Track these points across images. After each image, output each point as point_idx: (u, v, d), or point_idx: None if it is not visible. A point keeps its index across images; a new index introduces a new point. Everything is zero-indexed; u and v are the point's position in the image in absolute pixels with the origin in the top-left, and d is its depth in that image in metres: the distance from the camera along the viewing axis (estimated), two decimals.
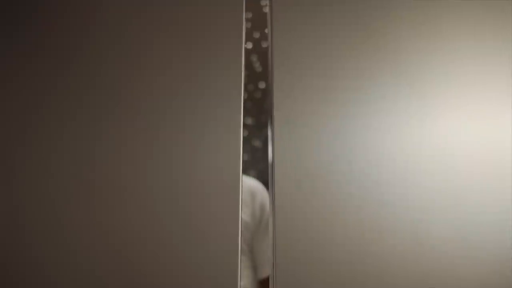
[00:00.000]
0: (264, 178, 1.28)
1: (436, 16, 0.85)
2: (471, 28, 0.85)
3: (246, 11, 0.81)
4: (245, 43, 0.78)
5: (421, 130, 0.78)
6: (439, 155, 0.77)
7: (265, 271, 1.18)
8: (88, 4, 0.78)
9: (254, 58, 3.43)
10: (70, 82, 0.73)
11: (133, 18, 0.76)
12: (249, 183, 1.21)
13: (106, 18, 0.77)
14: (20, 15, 0.76)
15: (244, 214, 1.15)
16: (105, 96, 0.73)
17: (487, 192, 0.77)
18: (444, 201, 0.75)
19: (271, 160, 0.76)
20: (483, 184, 0.77)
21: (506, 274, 0.72)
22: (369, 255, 0.72)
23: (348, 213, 0.74)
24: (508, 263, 0.73)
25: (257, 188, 1.21)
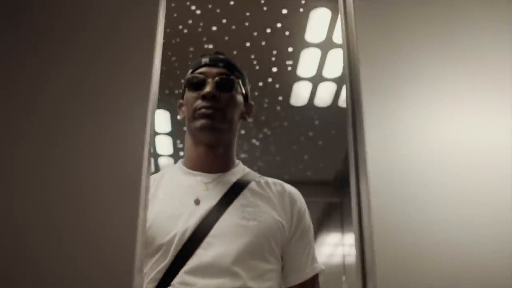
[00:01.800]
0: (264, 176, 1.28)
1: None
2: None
3: (244, 10, 0.81)
4: (161, 35, 0.75)
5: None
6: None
7: (293, 280, 1.17)
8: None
9: (252, 56, 3.43)
10: None
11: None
12: (290, 189, 1.22)
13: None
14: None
15: (281, 218, 1.14)
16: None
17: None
18: None
19: (357, 159, 0.74)
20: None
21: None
22: (472, 254, 0.69)
23: (448, 209, 0.70)
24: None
25: (296, 195, 1.22)
